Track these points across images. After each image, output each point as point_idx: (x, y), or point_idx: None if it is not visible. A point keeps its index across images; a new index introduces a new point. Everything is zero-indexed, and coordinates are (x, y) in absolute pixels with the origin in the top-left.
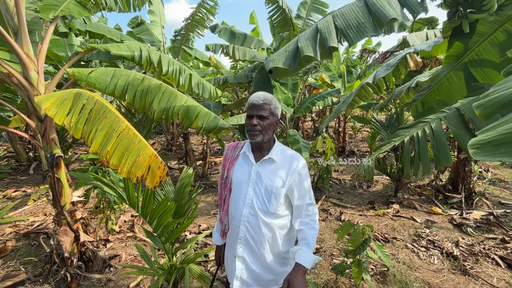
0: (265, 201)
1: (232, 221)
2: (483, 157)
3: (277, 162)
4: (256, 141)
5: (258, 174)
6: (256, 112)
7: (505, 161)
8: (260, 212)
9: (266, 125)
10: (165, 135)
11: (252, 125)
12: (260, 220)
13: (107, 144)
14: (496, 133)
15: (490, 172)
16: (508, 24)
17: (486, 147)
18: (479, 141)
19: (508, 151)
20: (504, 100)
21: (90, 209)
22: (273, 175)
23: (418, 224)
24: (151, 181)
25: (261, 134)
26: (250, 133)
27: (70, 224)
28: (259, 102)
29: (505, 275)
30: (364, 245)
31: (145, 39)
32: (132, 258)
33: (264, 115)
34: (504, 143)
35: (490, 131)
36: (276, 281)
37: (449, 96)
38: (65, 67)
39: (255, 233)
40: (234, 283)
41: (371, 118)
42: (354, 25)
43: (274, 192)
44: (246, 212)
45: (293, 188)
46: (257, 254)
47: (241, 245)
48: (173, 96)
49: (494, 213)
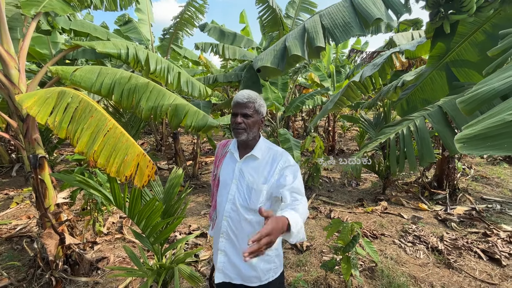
0: (246, 198)
1: (218, 216)
2: (469, 151)
3: (260, 159)
4: (241, 139)
5: (241, 171)
6: (240, 110)
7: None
8: (241, 208)
9: (250, 123)
10: (154, 135)
11: (237, 123)
12: (241, 216)
13: (93, 143)
14: (482, 127)
15: (473, 169)
16: (486, 25)
17: (472, 141)
18: (465, 135)
19: (493, 144)
20: (485, 97)
21: (77, 211)
22: (255, 172)
23: (405, 220)
24: (140, 180)
25: (245, 132)
26: (235, 131)
27: (55, 226)
28: (244, 101)
29: (486, 268)
30: (353, 242)
31: (133, 37)
32: (120, 260)
33: (248, 113)
34: (489, 137)
35: (475, 126)
36: (259, 278)
37: (432, 94)
38: (47, 64)
39: (236, 228)
40: (217, 274)
41: (360, 117)
42: (340, 25)
43: (254, 188)
44: (228, 208)
45: (277, 184)
46: (237, 248)
47: (223, 239)
48: (161, 94)
49: (476, 208)
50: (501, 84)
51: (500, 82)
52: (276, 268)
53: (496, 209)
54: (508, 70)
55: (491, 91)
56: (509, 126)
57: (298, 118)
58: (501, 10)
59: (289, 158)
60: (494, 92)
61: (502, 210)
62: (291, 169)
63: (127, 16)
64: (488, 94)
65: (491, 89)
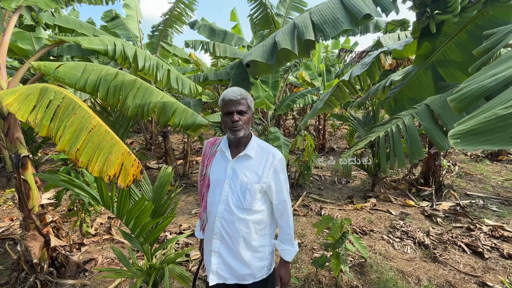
0: (240, 198)
1: (209, 217)
2: (464, 146)
3: (253, 157)
4: (239, 136)
5: (234, 170)
6: (235, 108)
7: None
8: (235, 209)
9: (246, 120)
10: (144, 134)
11: (234, 121)
12: (234, 216)
13: (76, 141)
14: (475, 122)
15: (457, 166)
16: (470, 26)
17: (466, 136)
18: (459, 131)
19: (487, 139)
20: (475, 94)
21: (63, 212)
22: (249, 171)
23: (393, 217)
24: (124, 179)
25: (243, 129)
26: (232, 130)
27: (39, 228)
28: (237, 98)
29: (470, 261)
30: (343, 238)
31: (121, 34)
32: (109, 261)
33: (243, 109)
34: (482, 132)
35: (468, 121)
36: (253, 275)
37: (419, 93)
38: (30, 60)
39: (230, 229)
40: (210, 277)
41: (349, 116)
42: (330, 20)
43: (248, 188)
44: (221, 208)
45: (270, 183)
46: (232, 249)
47: (216, 240)
48: (149, 92)
49: (460, 204)
50: (490, 81)
51: (488, 79)
52: (269, 264)
53: (479, 204)
54: (494, 67)
55: (481, 88)
56: (502, 121)
57: (289, 116)
58: (484, 11)
59: (280, 157)
60: (483, 89)
61: (484, 205)
62: (280, 171)
63: (114, 12)
64: (478, 91)
65: (481, 87)
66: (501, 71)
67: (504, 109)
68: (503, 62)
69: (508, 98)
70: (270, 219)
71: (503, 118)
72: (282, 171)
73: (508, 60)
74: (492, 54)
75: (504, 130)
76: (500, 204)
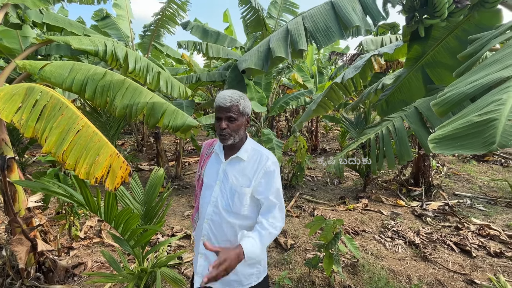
0: (229, 201)
1: (200, 219)
2: (441, 150)
3: (246, 161)
4: (227, 144)
5: (225, 172)
6: (224, 114)
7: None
8: (223, 211)
9: (235, 127)
10: (135, 135)
11: (221, 129)
12: (222, 219)
13: (63, 143)
14: (451, 128)
15: (446, 167)
16: (457, 30)
17: (443, 141)
18: (437, 136)
19: (462, 144)
20: (455, 100)
21: (51, 215)
22: (240, 174)
23: (384, 217)
24: (112, 182)
25: (231, 136)
26: (220, 137)
27: (26, 232)
28: (226, 105)
29: (458, 259)
30: (335, 239)
31: (112, 33)
32: (99, 265)
33: (233, 116)
34: (458, 137)
35: (446, 127)
36: (240, 282)
37: (409, 95)
38: (16, 59)
39: (217, 232)
40: (196, 278)
41: (341, 118)
42: (322, 29)
43: (238, 191)
44: (210, 210)
45: (260, 187)
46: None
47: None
48: (138, 92)
49: (449, 203)
50: (468, 88)
51: (467, 86)
52: (259, 273)
53: (467, 204)
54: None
55: (460, 95)
56: (476, 127)
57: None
58: (470, 16)
59: (273, 163)
60: (463, 96)
61: (472, 204)
62: (273, 176)
63: (105, 11)
64: (458, 97)
65: (460, 93)
66: (480, 77)
67: (478, 116)
68: (483, 69)
69: (483, 106)
70: None
71: (477, 125)
72: (274, 174)
73: (487, 66)
74: (475, 60)
75: (477, 136)
76: (487, 203)
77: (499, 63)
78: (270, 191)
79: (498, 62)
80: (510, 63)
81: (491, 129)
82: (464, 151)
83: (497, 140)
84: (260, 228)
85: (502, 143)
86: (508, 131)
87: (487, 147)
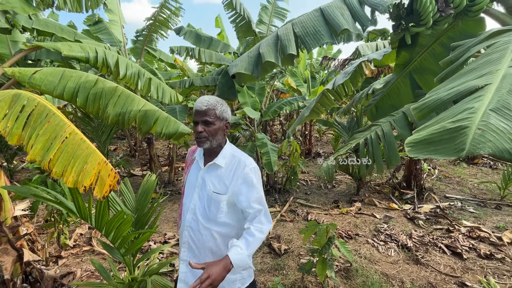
0: (206, 208)
1: (181, 226)
2: (416, 154)
3: (223, 167)
4: (204, 147)
5: (203, 179)
6: (200, 118)
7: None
8: (201, 218)
9: (212, 131)
10: (128, 140)
11: (198, 132)
12: (200, 225)
13: (49, 151)
14: (426, 133)
15: (437, 170)
16: (443, 38)
17: (418, 145)
18: (413, 140)
19: (435, 149)
20: (435, 104)
21: (39, 222)
22: (217, 181)
23: (377, 220)
24: (100, 190)
25: (208, 140)
26: (197, 141)
27: (12, 241)
28: (202, 108)
29: (450, 261)
30: (329, 244)
31: (104, 38)
32: (88, 274)
33: (209, 120)
34: (432, 142)
35: (422, 131)
36: None
37: (398, 100)
38: (4, 65)
39: (196, 239)
40: (179, 285)
41: (334, 122)
42: (311, 33)
43: (214, 198)
44: (189, 218)
45: (238, 193)
46: (199, 259)
47: (184, 249)
48: (130, 99)
49: (440, 206)
50: (446, 94)
51: (445, 92)
52: (243, 278)
53: (457, 206)
54: (453, 81)
55: (438, 100)
56: (449, 133)
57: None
58: (455, 25)
59: (251, 169)
60: (440, 101)
61: (462, 207)
62: (252, 182)
63: (97, 16)
64: (435, 102)
65: (438, 99)
66: (457, 84)
67: (451, 123)
68: (462, 76)
69: (457, 113)
70: (240, 233)
71: (450, 131)
72: (253, 181)
73: (465, 74)
74: (455, 66)
75: (449, 142)
76: (477, 205)
77: (475, 72)
78: (252, 198)
79: (475, 70)
80: (484, 73)
81: (462, 136)
82: (437, 156)
83: (466, 147)
84: (248, 235)
85: (471, 151)
86: (477, 139)
87: (457, 153)
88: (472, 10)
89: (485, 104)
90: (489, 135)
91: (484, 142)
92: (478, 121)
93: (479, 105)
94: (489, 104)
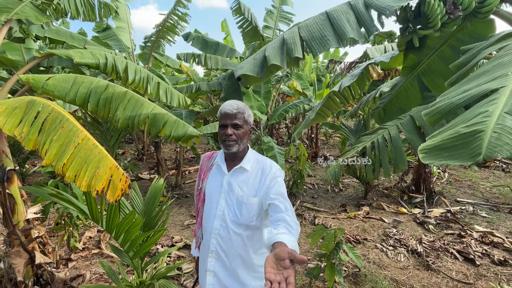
0: (237, 212)
1: (205, 234)
2: (430, 160)
3: (249, 171)
4: (232, 151)
5: (229, 184)
6: (230, 121)
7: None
8: (232, 224)
9: (241, 134)
10: (136, 144)
11: (227, 135)
12: (231, 232)
13: (63, 155)
14: (440, 138)
15: (447, 173)
16: (452, 40)
17: (432, 151)
18: (427, 146)
19: (450, 154)
20: (447, 109)
21: (50, 225)
22: (245, 185)
23: (386, 224)
24: (112, 194)
25: (237, 143)
26: (225, 144)
27: (24, 244)
28: (233, 111)
29: (462, 268)
30: (337, 248)
31: (113, 44)
32: (97, 277)
33: (238, 123)
34: (447, 148)
35: (436, 137)
36: None
37: (406, 103)
38: (19, 72)
39: (226, 247)
40: None
41: (341, 125)
42: (317, 37)
43: (245, 202)
44: (217, 224)
45: (267, 192)
46: (228, 268)
47: (212, 259)
48: (139, 103)
49: (451, 210)
50: (458, 98)
51: (457, 96)
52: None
53: (469, 210)
54: (464, 84)
55: (450, 105)
56: (463, 138)
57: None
58: (464, 27)
59: (277, 169)
60: (452, 106)
61: (474, 211)
62: (279, 181)
63: (106, 23)
64: (447, 107)
65: (450, 103)
66: (469, 88)
67: (465, 128)
68: (473, 79)
69: (471, 117)
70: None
71: (464, 136)
72: (281, 179)
73: (477, 77)
74: (466, 70)
75: (464, 147)
76: (489, 210)
77: (487, 74)
78: (281, 192)
79: (487, 73)
80: (497, 75)
81: (477, 140)
82: (452, 162)
83: (483, 152)
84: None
85: (488, 155)
86: (494, 143)
87: (473, 158)
88: (481, 11)
89: (500, 107)
90: (506, 138)
91: (501, 145)
92: (494, 124)
93: (493, 108)
94: (504, 106)
